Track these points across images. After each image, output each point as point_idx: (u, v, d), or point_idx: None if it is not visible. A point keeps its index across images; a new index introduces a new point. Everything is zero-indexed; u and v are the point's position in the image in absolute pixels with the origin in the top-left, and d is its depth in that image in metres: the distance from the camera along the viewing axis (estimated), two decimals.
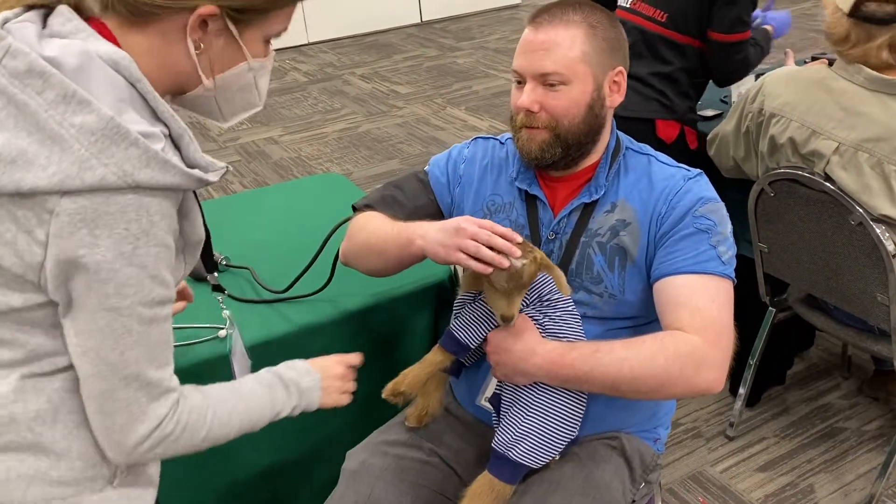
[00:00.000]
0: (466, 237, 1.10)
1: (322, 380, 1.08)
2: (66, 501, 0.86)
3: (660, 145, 2.14)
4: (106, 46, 0.80)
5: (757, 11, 2.30)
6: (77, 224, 0.76)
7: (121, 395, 0.83)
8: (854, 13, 1.55)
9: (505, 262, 1.08)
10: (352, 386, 1.14)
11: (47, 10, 0.84)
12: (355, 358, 1.18)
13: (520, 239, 1.11)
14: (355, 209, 1.42)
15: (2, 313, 0.81)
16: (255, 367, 1.42)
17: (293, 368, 1.07)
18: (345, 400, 1.12)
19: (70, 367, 0.85)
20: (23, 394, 0.83)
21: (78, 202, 0.75)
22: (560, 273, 1.17)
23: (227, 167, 0.87)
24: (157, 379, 0.84)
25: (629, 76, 2.21)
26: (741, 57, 2.08)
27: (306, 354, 1.45)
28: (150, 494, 0.95)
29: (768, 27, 2.27)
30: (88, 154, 0.75)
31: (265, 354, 1.41)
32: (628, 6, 2.22)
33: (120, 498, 0.90)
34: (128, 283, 0.79)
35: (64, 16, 0.82)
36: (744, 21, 2.06)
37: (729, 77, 2.17)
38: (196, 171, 0.82)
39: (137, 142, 0.77)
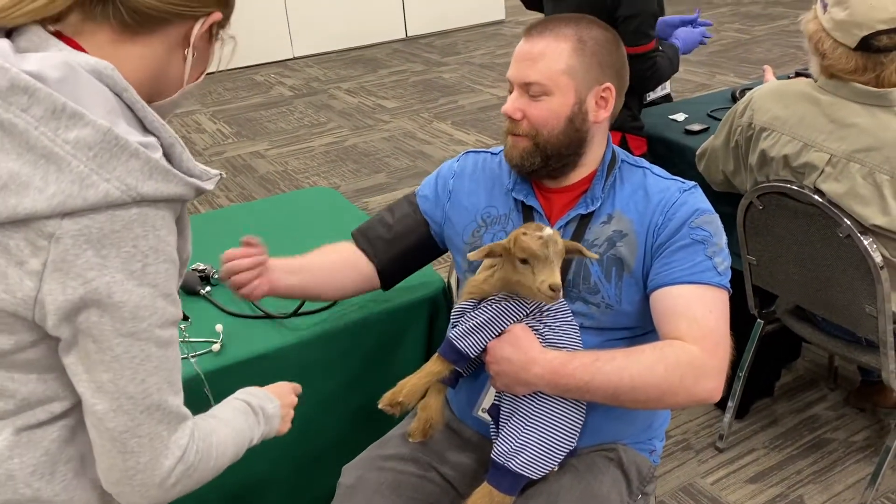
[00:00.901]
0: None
1: (280, 407, 1.05)
2: None
3: None
4: (85, 57, 0.76)
5: (684, 18, 2.39)
6: (82, 246, 0.71)
7: (144, 430, 0.77)
8: (864, 48, 1.56)
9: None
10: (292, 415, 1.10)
11: (9, 31, 0.79)
12: (298, 387, 1.15)
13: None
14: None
15: (2, 358, 0.76)
16: (249, 382, 1.41)
17: (255, 395, 1.02)
18: (289, 427, 1.09)
19: (65, 413, 0.80)
20: (18, 449, 0.78)
21: (80, 223, 0.71)
22: (581, 245, 1.20)
23: (221, 174, 0.84)
24: (175, 406, 0.80)
25: None
26: (648, 66, 2.16)
27: (301, 368, 1.45)
28: None
29: (676, 43, 2.33)
30: (88, 170, 0.71)
31: (260, 368, 1.41)
32: None
33: None
34: (142, 304, 0.74)
35: (31, 31, 0.78)
36: (646, 34, 2.13)
37: (641, 85, 2.24)
38: (194, 180, 0.79)
39: (138, 152, 0.73)
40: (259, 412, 1.00)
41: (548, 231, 1.14)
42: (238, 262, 1.27)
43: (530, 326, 1.21)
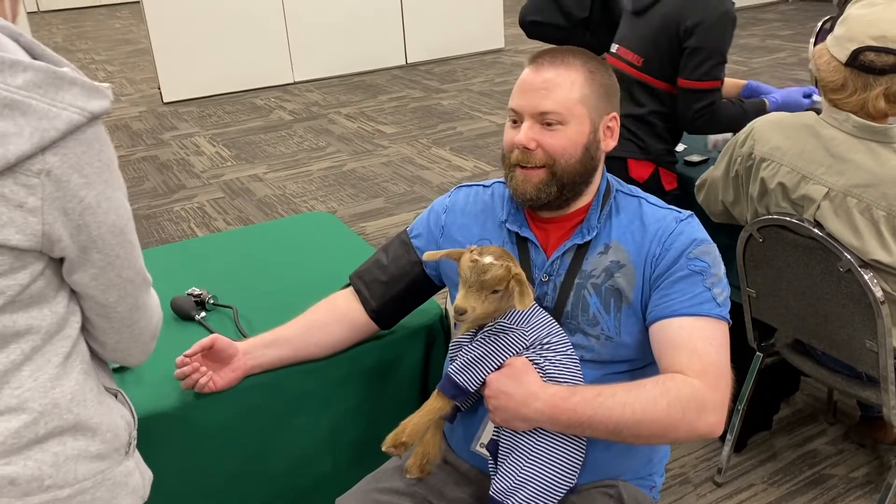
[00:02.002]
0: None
1: None
2: (104, 475, 0.94)
3: (632, 185, 2.17)
4: None
5: (809, 89, 2.32)
6: (68, 174, 0.82)
7: (141, 302, 0.95)
8: (852, 63, 1.58)
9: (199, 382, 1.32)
10: None
11: None
12: None
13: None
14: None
15: (15, 297, 0.85)
16: (242, 411, 1.39)
17: None
18: None
19: (78, 339, 0.92)
20: (59, 380, 0.90)
21: (59, 153, 0.81)
22: (528, 290, 1.15)
23: (110, 86, 0.91)
24: (149, 276, 0.97)
25: None
26: (702, 105, 2.11)
27: (296, 397, 1.43)
28: (145, 466, 1.05)
29: (766, 100, 2.27)
30: (46, 105, 0.79)
31: (254, 397, 1.38)
32: (615, 52, 2.31)
33: (135, 466, 1.00)
34: (120, 205, 0.89)
35: None
36: (708, 72, 2.11)
37: (692, 124, 2.18)
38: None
39: (75, 79, 0.83)
40: None
41: (487, 259, 1.15)
42: (178, 373, 1.33)
43: (531, 360, 1.19)
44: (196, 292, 1.60)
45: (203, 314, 1.57)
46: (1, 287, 0.83)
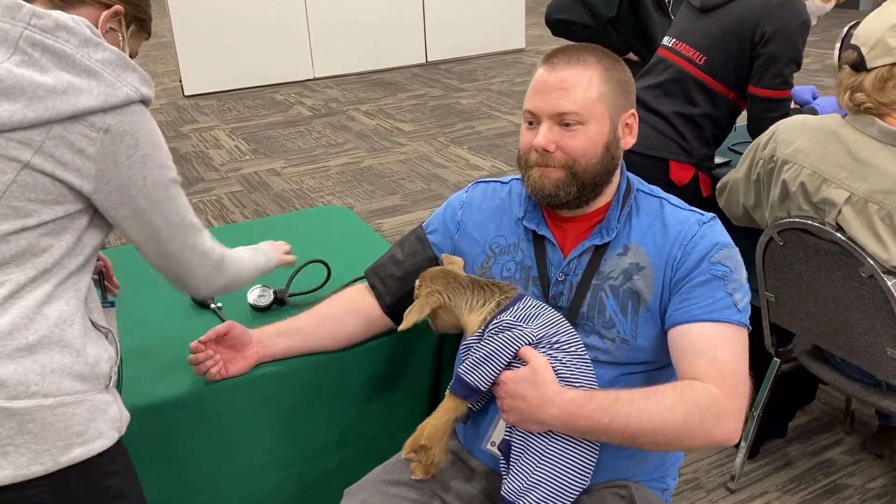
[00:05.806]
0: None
1: (271, 250, 1.48)
2: (85, 395, 1.03)
3: (671, 187, 2.13)
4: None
5: (811, 97, 2.30)
6: (122, 134, 1.03)
7: (189, 242, 1.14)
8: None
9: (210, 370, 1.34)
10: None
11: None
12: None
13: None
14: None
15: (50, 222, 1.02)
16: (255, 401, 1.39)
17: (260, 250, 1.45)
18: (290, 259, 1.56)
19: (76, 272, 1.05)
20: (50, 298, 1.03)
21: (116, 118, 1.02)
22: (419, 312, 1.26)
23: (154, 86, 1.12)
24: (198, 223, 1.17)
25: (653, 112, 2.16)
26: (777, 115, 2.05)
27: (307, 389, 1.43)
28: (123, 407, 1.12)
29: (817, 108, 2.23)
30: (113, 79, 1.02)
31: (266, 387, 1.38)
32: (670, 45, 2.22)
33: (114, 400, 1.08)
34: (163, 164, 1.08)
35: None
36: (785, 79, 2.05)
37: (762, 132, 2.13)
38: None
39: (136, 68, 1.06)
40: (258, 249, 1.44)
41: (416, 282, 1.31)
42: (191, 358, 1.32)
43: None
44: None
45: (219, 304, 1.57)
46: (44, 212, 1.01)
